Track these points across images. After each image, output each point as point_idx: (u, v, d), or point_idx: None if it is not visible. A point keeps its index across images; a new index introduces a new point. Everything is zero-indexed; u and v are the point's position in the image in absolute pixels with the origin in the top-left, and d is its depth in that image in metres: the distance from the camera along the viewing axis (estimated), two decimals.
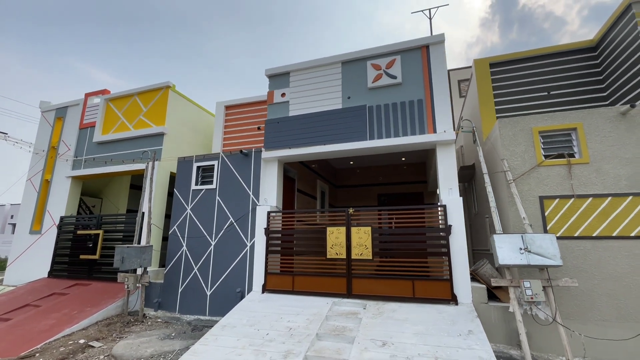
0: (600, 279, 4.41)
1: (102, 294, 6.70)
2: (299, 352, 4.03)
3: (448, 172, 5.59)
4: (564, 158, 4.90)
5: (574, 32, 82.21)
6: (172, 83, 8.19)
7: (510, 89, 6.77)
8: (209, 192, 7.05)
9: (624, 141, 4.67)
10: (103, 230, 7.64)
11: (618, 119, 4.74)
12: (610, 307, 4.32)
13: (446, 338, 4.08)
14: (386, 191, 11.24)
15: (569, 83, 6.47)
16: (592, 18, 70.27)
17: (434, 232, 5.35)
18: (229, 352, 4.16)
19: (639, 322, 4.17)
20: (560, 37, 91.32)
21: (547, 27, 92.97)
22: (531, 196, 4.92)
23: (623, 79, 5.66)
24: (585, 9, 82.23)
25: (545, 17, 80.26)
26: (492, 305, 4.83)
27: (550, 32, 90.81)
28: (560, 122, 5.00)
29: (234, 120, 8.78)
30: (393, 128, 6.08)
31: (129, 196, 10.33)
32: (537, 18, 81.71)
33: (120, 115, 8.56)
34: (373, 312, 4.93)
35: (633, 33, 5.26)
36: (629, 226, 4.43)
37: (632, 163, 4.58)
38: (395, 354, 3.84)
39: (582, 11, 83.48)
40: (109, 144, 8.52)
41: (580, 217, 4.64)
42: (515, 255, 4.29)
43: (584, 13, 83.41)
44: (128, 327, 5.77)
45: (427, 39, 6.26)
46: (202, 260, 6.68)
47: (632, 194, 4.49)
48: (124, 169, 7.94)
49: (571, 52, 6.59)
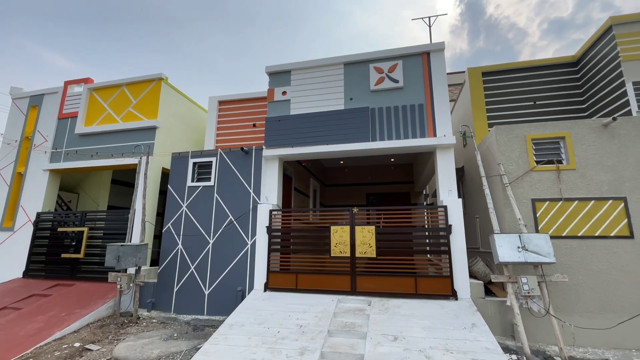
0: (585, 274, 4.88)
1: (90, 295, 6.35)
2: (315, 348, 4.10)
3: (447, 175, 5.88)
4: (554, 164, 5.34)
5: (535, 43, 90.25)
6: (164, 75, 7.87)
7: (500, 97, 7.22)
8: (206, 189, 6.89)
9: (605, 150, 5.17)
10: (88, 228, 7.22)
11: (601, 130, 5.24)
12: (593, 300, 4.79)
13: (452, 331, 4.34)
14: (374, 191, 11.53)
15: (553, 94, 7.02)
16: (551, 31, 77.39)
17: (435, 231, 5.61)
18: (242, 351, 4.15)
19: (618, 312, 4.66)
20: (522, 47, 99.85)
21: (511, 37, 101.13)
22: (524, 198, 5.32)
23: (601, 94, 6.24)
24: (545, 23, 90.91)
25: (510, 27, 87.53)
26: (488, 300, 5.17)
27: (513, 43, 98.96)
28: (551, 131, 5.44)
29: (228, 116, 8.61)
30: (395, 130, 6.29)
31: (111, 192, 9.80)
32: (502, 28, 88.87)
33: (106, 106, 8.10)
34: (379, 309, 5.11)
35: (612, 52, 5.82)
36: (609, 227, 4.93)
37: (612, 170, 5.09)
38: (408, 347, 4.03)
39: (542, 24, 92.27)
40: (94, 137, 8.04)
41: (568, 218, 5.09)
42: (514, 253, 4.63)
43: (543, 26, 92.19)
44: (123, 329, 5.54)
45: (428, 46, 6.52)
46: (200, 258, 6.53)
47: (611, 198, 5.00)
48: (113, 164, 7.54)
49: (554, 66, 7.15)
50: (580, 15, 44.01)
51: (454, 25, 54.61)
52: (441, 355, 3.83)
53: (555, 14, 45.09)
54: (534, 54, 51.35)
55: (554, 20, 44.38)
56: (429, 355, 3.84)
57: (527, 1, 46.58)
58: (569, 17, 42.36)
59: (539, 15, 46.63)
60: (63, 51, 58.52)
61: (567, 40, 49.90)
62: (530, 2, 46.63)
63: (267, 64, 7.12)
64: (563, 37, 49.55)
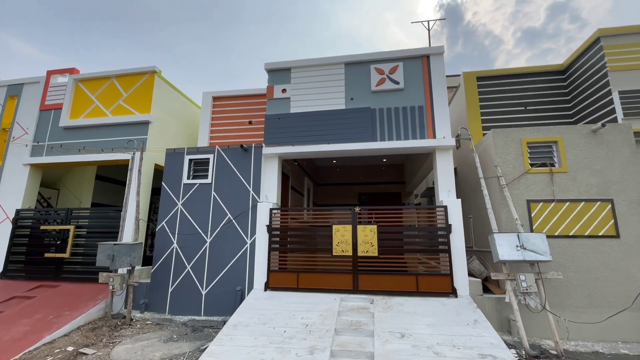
0: (575, 271, 5.15)
1: (78, 296, 6.04)
2: (324, 347, 4.11)
3: (446, 175, 6.03)
4: (547, 167, 5.60)
5: (509, 50, 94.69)
6: (158, 68, 7.60)
7: (493, 101, 7.49)
8: (203, 187, 6.72)
9: (594, 154, 5.48)
10: (74, 226, 6.86)
11: (590, 136, 5.55)
12: (582, 296, 5.07)
13: (456, 327, 4.46)
14: (366, 190, 11.65)
15: (542, 100, 7.36)
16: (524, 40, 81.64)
17: (436, 230, 5.74)
18: (250, 351, 4.09)
19: (605, 307, 4.96)
20: (497, 54, 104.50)
21: (487, 44, 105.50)
22: (520, 199, 5.55)
23: (587, 101, 6.60)
24: (519, 32, 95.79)
25: (486, 34, 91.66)
26: (486, 297, 5.36)
27: (489, 49, 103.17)
28: (545, 135, 5.70)
29: (222, 112, 8.43)
30: (395, 131, 6.38)
31: (95, 188, 9.35)
32: (479, 35, 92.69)
33: (94, 98, 7.72)
34: (382, 307, 5.17)
35: (600, 63, 6.17)
36: (598, 227, 5.24)
37: (600, 173, 5.40)
38: (416, 344, 4.11)
39: (516, 33, 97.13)
40: (80, 130, 7.63)
41: (560, 218, 5.36)
42: (513, 252, 4.83)
43: (517, 35, 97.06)
44: (117, 331, 5.31)
45: (428, 49, 6.65)
46: (196, 258, 6.36)
47: (600, 200, 5.31)
48: (102, 159, 7.18)
49: (543, 74, 7.50)
50: (551, 25, 46.40)
51: (434, 30, 56.21)
52: (448, 351, 3.94)
53: (528, 24, 47.31)
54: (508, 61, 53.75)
55: (526, 30, 46.61)
56: (437, 351, 3.94)
57: (503, 10, 48.61)
58: (540, 27, 44.58)
59: (513, 24, 48.83)
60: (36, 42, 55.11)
61: (538, 49, 52.53)
62: (506, 11, 48.70)
63: (250, 64, 6.99)
64: (535, 46, 52.14)
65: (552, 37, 50.80)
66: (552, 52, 51.62)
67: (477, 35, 48.77)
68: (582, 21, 44.33)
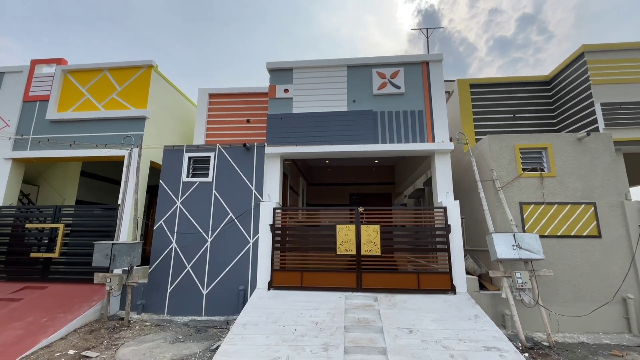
0: (562, 269, 5.56)
1: (70, 298, 5.78)
2: (337, 344, 4.21)
3: (445, 178, 6.31)
4: (537, 171, 6.00)
5: (482, 58, 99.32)
6: (155, 62, 7.38)
7: (484, 107, 7.88)
8: (203, 186, 6.62)
9: (579, 161, 5.93)
10: (63, 224, 6.54)
11: (576, 143, 6.01)
12: (568, 291, 5.48)
13: (459, 322, 4.71)
14: (357, 191, 11.85)
15: (528, 109, 7.83)
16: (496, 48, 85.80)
17: (436, 230, 5.99)
18: (264, 350, 4.12)
19: (588, 301, 5.40)
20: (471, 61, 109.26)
21: (462, 50, 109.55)
22: (513, 201, 5.90)
23: (571, 111, 7.12)
24: (491, 40, 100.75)
25: (461, 41, 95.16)
26: (482, 293, 5.67)
27: (464, 56, 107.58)
28: (535, 142, 6.10)
29: (219, 110, 8.31)
30: (396, 134, 6.59)
31: (80, 185, 8.91)
32: (454, 41, 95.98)
33: (85, 91, 7.38)
34: (387, 304, 5.35)
35: (584, 76, 6.67)
36: (582, 227, 5.68)
37: (584, 178, 5.86)
38: (425, 338, 4.31)
39: (488, 41, 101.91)
40: (69, 124, 7.27)
41: (549, 220, 5.76)
42: (509, 250, 5.14)
43: (490, 43, 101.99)
44: (116, 333, 5.15)
45: (427, 56, 6.91)
46: (197, 257, 6.26)
47: (584, 203, 5.76)
48: (95, 154, 6.87)
49: (530, 84, 7.98)
50: (520, 36, 49.02)
51: (411, 34, 57.87)
52: (456, 345, 4.16)
53: (500, 33, 49.71)
54: (481, 68, 56.26)
55: (498, 39, 48.97)
56: (446, 345, 4.15)
57: (477, 19, 50.85)
58: (511, 37, 46.97)
59: (486, 32, 51.16)
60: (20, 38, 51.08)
61: (509, 58, 55.38)
62: (479, 20, 50.97)
63: (227, 62, 6.90)
64: (506, 55, 54.90)
65: (521, 47, 53.67)
66: (521, 61, 54.52)
67: (452, 42, 50.71)
68: (549, 33, 47.22)
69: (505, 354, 3.93)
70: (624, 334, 5.22)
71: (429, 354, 3.96)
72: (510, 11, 48.81)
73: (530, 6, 47.23)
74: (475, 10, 51.27)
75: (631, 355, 4.45)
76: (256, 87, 8.39)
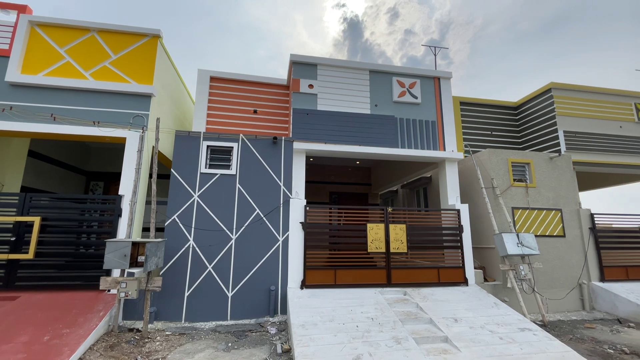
0: (542, 262, 6.88)
1: (65, 309, 4.67)
2: (405, 336, 4.48)
3: (453, 184, 7.11)
4: (523, 182, 7.27)
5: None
6: (162, 32, 6.40)
7: (469, 123, 9.07)
8: (225, 179, 6.06)
9: (551, 175, 7.41)
10: (40, 217, 5.19)
11: (548, 161, 7.47)
12: (545, 280, 6.81)
13: (487, 310, 5.46)
14: (337, 190, 12.17)
15: (501, 128, 9.32)
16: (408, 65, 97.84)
17: (452, 230, 6.70)
18: (342, 348, 4.14)
19: (558, 287, 6.81)
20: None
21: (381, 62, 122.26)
22: (506, 206, 7.03)
23: (535, 134, 8.76)
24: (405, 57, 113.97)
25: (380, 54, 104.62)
26: (486, 284, 6.61)
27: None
28: (522, 158, 7.38)
29: (221, 96, 7.65)
30: (413, 140, 7.14)
31: (27, 168, 7.06)
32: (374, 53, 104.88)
33: (63, 52, 5.93)
34: (418, 297, 5.81)
35: (550, 107, 8.30)
36: (553, 229, 7.12)
37: (554, 189, 7.34)
38: (471, 325, 4.89)
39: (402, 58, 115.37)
40: (40, 91, 5.75)
41: (531, 222, 7.05)
42: (515, 247, 6.15)
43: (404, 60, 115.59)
44: (142, 347, 4.41)
45: (439, 73, 7.66)
46: (220, 257, 5.72)
47: (554, 209, 7.22)
48: (90, 133, 5.58)
49: (502, 107, 9.50)
50: (428, 58, 56.42)
51: (336, 39, 61.00)
52: (497, 329, 4.84)
53: (412, 52, 56.07)
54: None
55: (411, 57, 55.28)
56: (491, 329, 4.80)
57: (394, 35, 56.78)
58: (421, 57, 53.56)
59: (401, 49, 57.32)
60: None
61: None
62: (396, 37, 56.96)
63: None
64: None
65: (428, 67, 61.65)
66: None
67: (372, 53, 55.30)
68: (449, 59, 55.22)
69: (537, 333, 4.76)
70: (581, 312, 6.77)
71: (483, 338, 4.54)
72: (421, 34, 55.42)
73: (437, 33, 54.57)
74: (394, 28, 56.85)
75: (599, 326, 5.84)
76: (264, 77, 7.98)
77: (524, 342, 4.48)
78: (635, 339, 5.20)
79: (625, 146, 8.31)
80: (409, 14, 55.77)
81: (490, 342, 4.43)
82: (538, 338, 4.61)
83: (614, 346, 4.87)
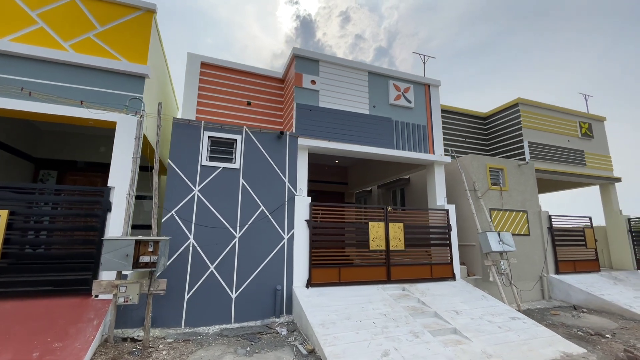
0: (513, 258, 7.70)
1: (49, 319, 3.96)
2: (420, 330, 4.68)
3: (441, 185, 7.59)
4: (498, 186, 8.06)
5: None
6: (156, 7, 5.75)
7: (445, 129, 9.76)
8: (228, 173, 5.68)
9: (519, 180, 8.33)
10: (8, 211, 4.31)
11: (517, 167, 8.39)
12: (515, 273, 7.63)
13: (479, 302, 5.95)
14: (315, 188, 12.12)
15: (472, 136, 10.20)
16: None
17: (441, 229, 7.14)
18: (367, 345, 4.20)
19: (525, 280, 7.69)
20: None
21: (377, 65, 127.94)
22: (485, 207, 7.73)
23: (502, 144, 9.75)
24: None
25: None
26: (469, 278, 7.19)
27: None
28: (497, 164, 8.17)
29: (212, 84, 7.16)
30: (407, 143, 7.47)
31: None
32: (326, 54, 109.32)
33: (35, 16, 4.99)
34: (417, 293, 6.10)
35: (517, 120, 9.31)
36: (521, 228, 8.02)
37: (522, 193, 8.27)
38: (471, 317, 5.30)
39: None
40: (4, 59, 4.77)
41: (504, 222, 7.85)
42: (497, 245, 6.80)
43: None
44: (147, 358, 3.96)
45: (429, 80, 8.10)
46: (222, 256, 5.35)
47: (521, 211, 8.14)
48: (73, 114, 4.74)
49: (473, 117, 10.40)
50: (376, 63, 60.03)
51: (288, 36, 61.41)
52: (493, 318, 5.32)
53: (361, 57, 59.00)
54: None
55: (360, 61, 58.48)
56: (489, 320, 5.25)
57: (345, 39, 59.13)
58: (370, 62, 56.81)
59: (352, 53, 59.88)
60: None
61: None
62: (347, 41, 59.36)
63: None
64: None
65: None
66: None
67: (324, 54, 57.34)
68: (396, 67, 59.32)
69: (525, 321, 5.33)
70: (542, 301, 7.73)
71: (485, 327, 4.95)
72: (370, 41, 58.34)
73: (385, 41, 57.92)
74: (345, 32, 59.02)
75: (561, 312, 6.74)
76: (259, 68, 7.66)
77: (519, 329, 4.99)
78: (594, 322, 6.12)
79: (571, 157, 9.69)
80: (360, 19, 57.88)
81: (492, 331, 4.84)
82: (527, 325, 5.17)
83: (581, 329, 5.68)
